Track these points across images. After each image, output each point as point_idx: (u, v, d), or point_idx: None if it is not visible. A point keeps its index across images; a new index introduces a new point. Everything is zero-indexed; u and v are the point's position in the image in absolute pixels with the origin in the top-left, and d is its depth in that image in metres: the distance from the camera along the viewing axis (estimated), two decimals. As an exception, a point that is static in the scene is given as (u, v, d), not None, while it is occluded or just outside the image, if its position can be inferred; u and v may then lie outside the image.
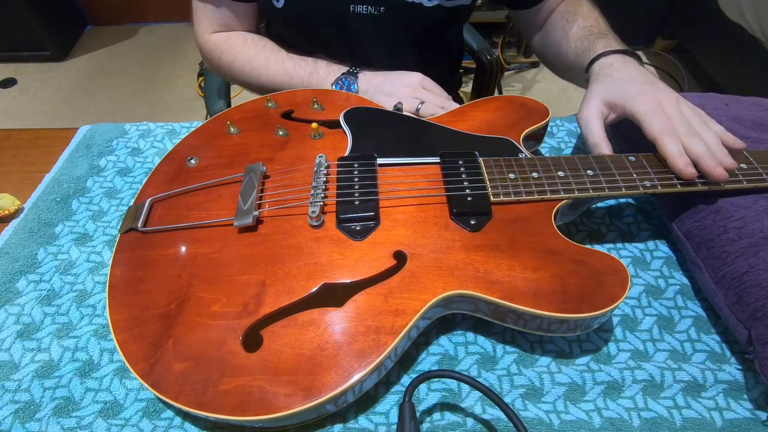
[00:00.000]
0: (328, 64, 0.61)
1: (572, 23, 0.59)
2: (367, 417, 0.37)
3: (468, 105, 0.55)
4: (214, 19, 0.64)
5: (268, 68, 0.62)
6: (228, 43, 0.64)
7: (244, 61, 0.63)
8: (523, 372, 0.40)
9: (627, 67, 0.49)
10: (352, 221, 0.42)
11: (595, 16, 0.59)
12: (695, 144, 0.42)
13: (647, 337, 0.42)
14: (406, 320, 0.36)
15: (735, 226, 0.41)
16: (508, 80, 2.05)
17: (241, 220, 0.41)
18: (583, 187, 0.43)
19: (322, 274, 0.38)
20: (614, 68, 0.49)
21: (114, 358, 0.41)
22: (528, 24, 0.68)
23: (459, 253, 0.39)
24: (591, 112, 0.47)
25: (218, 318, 0.37)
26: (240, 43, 0.64)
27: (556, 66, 0.65)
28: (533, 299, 0.36)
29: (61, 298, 0.45)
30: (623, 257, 0.48)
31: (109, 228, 0.51)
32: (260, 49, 0.63)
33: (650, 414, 0.37)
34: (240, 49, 0.64)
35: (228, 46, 0.64)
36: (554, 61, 0.64)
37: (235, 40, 0.64)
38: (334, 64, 0.61)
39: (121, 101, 1.97)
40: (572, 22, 0.59)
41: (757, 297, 0.38)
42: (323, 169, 0.45)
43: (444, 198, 0.43)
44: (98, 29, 2.33)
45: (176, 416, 0.38)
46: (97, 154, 0.59)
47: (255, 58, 0.63)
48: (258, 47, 0.64)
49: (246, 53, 0.63)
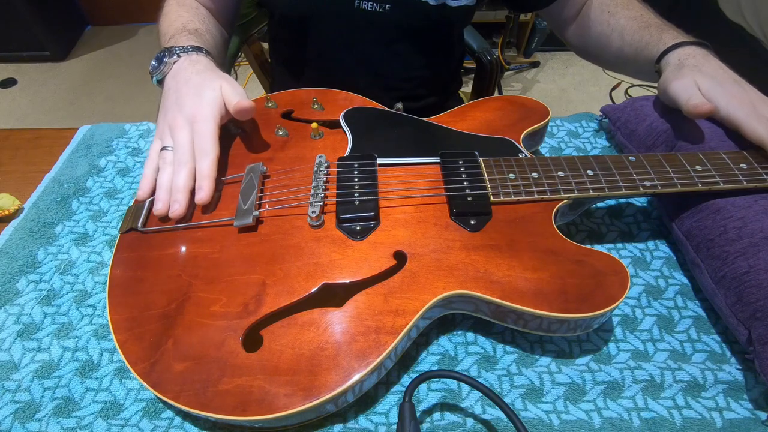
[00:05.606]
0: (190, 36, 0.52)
1: (617, 16, 0.59)
2: (367, 417, 0.37)
3: (468, 105, 0.55)
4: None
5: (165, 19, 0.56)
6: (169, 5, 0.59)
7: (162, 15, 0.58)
8: (523, 372, 0.40)
9: (710, 62, 0.49)
10: (352, 221, 0.42)
11: (638, 6, 0.59)
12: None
13: (647, 337, 0.42)
14: (406, 320, 0.36)
15: (735, 226, 0.41)
16: (508, 80, 2.06)
17: (241, 220, 0.41)
18: (583, 187, 0.43)
19: (322, 274, 0.38)
20: (698, 61, 0.49)
21: (114, 358, 0.41)
22: (557, 20, 0.67)
23: (459, 253, 0.39)
24: (688, 82, 0.46)
25: (218, 318, 0.37)
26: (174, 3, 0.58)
27: (605, 60, 0.63)
28: (533, 299, 0.36)
29: (61, 298, 0.45)
30: (623, 257, 0.48)
31: (109, 228, 0.51)
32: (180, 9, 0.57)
33: (650, 414, 0.37)
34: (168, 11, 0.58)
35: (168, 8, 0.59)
36: (601, 54, 0.63)
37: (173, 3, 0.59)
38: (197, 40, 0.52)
39: (121, 101, 1.97)
40: (616, 14, 0.59)
41: (757, 297, 0.38)
42: (323, 169, 0.45)
43: (444, 198, 0.43)
44: (98, 29, 2.33)
45: (176, 416, 0.38)
46: (97, 154, 0.59)
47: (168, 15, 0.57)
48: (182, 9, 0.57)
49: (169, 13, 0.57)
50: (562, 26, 0.67)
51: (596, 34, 0.61)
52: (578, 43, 0.66)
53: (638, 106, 0.56)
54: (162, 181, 0.43)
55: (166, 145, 0.44)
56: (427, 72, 0.69)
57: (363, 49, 0.64)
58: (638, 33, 0.56)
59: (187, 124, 0.44)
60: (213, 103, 0.44)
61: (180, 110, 0.45)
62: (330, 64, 0.67)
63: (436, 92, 0.75)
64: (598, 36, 0.61)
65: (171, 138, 0.44)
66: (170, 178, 0.43)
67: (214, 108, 0.44)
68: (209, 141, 0.43)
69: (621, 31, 0.58)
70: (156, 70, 0.49)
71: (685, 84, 0.47)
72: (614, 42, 0.59)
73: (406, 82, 0.69)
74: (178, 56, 0.48)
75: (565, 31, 0.68)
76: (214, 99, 0.45)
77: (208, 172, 0.42)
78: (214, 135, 0.44)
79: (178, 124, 0.44)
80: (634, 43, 0.56)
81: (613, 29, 0.59)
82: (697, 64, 0.48)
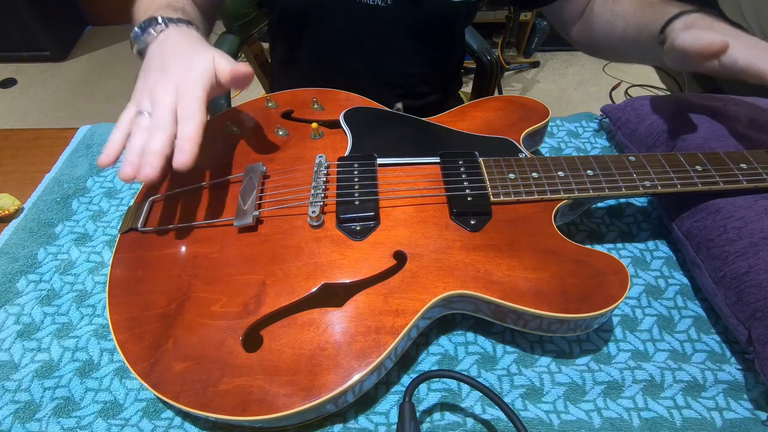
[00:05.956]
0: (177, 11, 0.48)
1: (621, 2, 0.57)
2: (367, 417, 0.37)
3: (468, 105, 0.55)
4: None
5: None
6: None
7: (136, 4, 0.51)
8: (523, 372, 0.40)
9: (720, 23, 0.45)
10: (352, 221, 0.42)
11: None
12: None
13: (647, 337, 0.42)
14: (406, 320, 0.36)
15: (735, 226, 0.41)
16: (508, 80, 2.06)
17: (241, 220, 0.41)
18: (583, 187, 0.43)
19: (322, 274, 0.38)
20: (707, 22, 0.45)
21: (114, 358, 0.41)
22: (561, 18, 0.66)
23: (459, 253, 0.39)
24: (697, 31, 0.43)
25: (218, 318, 0.37)
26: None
27: (609, 47, 0.61)
28: (533, 299, 0.36)
29: (61, 298, 0.45)
30: (623, 257, 0.48)
31: (109, 228, 0.51)
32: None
33: (650, 414, 0.37)
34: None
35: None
36: (605, 43, 0.61)
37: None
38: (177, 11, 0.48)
39: (121, 101, 1.96)
40: (620, 1, 0.57)
41: (757, 297, 0.38)
42: (323, 169, 0.45)
43: (444, 198, 0.43)
44: (98, 29, 2.33)
45: (176, 416, 0.38)
46: (97, 154, 0.59)
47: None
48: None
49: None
50: (567, 24, 0.66)
51: (601, 23, 0.60)
52: (583, 38, 0.65)
53: (638, 106, 0.56)
54: (133, 145, 0.37)
55: (143, 109, 0.39)
56: (428, 69, 0.69)
57: (364, 45, 0.64)
58: (640, 12, 0.53)
59: (172, 87, 0.39)
60: (204, 70, 0.40)
61: (165, 73, 0.40)
62: (330, 60, 0.67)
63: (437, 90, 0.75)
64: (602, 25, 0.60)
65: (150, 103, 0.39)
66: (143, 142, 0.37)
67: (204, 75, 0.39)
68: (196, 104, 0.38)
69: (625, 16, 0.56)
70: (138, 38, 0.44)
71: (693, 32, 0.42)
72: (618, 27, 0.57)
73: (407, 78, 0.69)
74: (165, 25, 0.44)
75: (570, 30, 0.66)
76: (205, 67, 0.40)
77: (191, 134, 0.37)
78: (203, 100, 0.39)
79: (160, 86, 0.39)
80: (637, 23, 0.54)
81: (617, 15, 0.57)
82: (705, 25, 0.45)
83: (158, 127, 0.37)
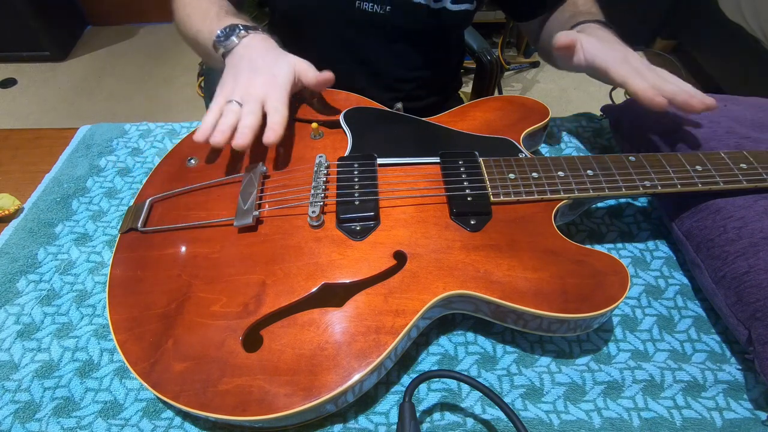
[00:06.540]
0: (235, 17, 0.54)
1: (565, 12, 0.62)
2: (367, 417, 0.37)
3: (468, 105, 0.55)
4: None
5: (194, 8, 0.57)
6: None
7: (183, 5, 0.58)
8: (523, 372, 0.40)
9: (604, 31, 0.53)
10: (352, 221, 0.42)
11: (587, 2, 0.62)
12: (666, 85, 0.45)
13: (647, 337, 0.42)
14: (406, 320, 0.36)
15: (735, 226, 0.41)
16: (508, 80, 2.05)
17: (241, 220, 0.41)
18: (583, 187, 0.43)
19: (322, 274, 0.38)
20: (593, 30, 0.53)
21: (114, 358, 0.41)
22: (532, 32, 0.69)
23: (459, 253, 0.39)
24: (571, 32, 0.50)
25: (218, 318, 0.37)
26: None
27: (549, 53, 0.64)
28: (533, 299, 0.36)
29: (61, 298, 0.45)
30: (623, 257, 0.48)
31: (109, 228, 0.51)
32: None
33: (650, 414, 0.37)
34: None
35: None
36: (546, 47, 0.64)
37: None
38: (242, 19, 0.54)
39: (121, 101, 1.97)
40: (565, 11, 0.62)
41: (757, 297, 0.38)
42: (323, 169, 0.45)
43: (444, 198, 0.43)
44: (98, 29, 2.33)
45: (176, 416, 0.38)
46: (97, 154, 0.59)
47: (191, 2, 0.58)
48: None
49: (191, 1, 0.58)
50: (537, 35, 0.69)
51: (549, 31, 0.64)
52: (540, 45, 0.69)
53: (638, 106, 0.56)
54: (225, 121, 0.44)
55: (234, 99, 0.46)
56: (426, 73, 0.69)
57: (363, 50, 0.64)
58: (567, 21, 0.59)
59: (260, 86, 0.46)
60: (288, 74, 0.47)
61: (255, 74, 0.47)
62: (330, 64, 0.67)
63: (436, 93, 0.75)
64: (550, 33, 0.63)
65: (240, 96, 0.46)
66: (233, 122, 0.44)
67: (287, 79, 0.47)
68: (280, 101, 0.45)
69: (562, 22, 0.61)
70: (222, 44, 0.51)
71: (562, 32, 0.50)
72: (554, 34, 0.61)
73: (406, 82, 0.69)
74: (246, 32, 0.51)
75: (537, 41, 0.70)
76: (289, 72, 0.48)
77: (279, 120, 0.44)
78: (287, 100, 0.46)
79: (252, 85, 0.46)
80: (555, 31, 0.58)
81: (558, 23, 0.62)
82: (592, 33, 0.52)
83: (250, 112, 0.44)
